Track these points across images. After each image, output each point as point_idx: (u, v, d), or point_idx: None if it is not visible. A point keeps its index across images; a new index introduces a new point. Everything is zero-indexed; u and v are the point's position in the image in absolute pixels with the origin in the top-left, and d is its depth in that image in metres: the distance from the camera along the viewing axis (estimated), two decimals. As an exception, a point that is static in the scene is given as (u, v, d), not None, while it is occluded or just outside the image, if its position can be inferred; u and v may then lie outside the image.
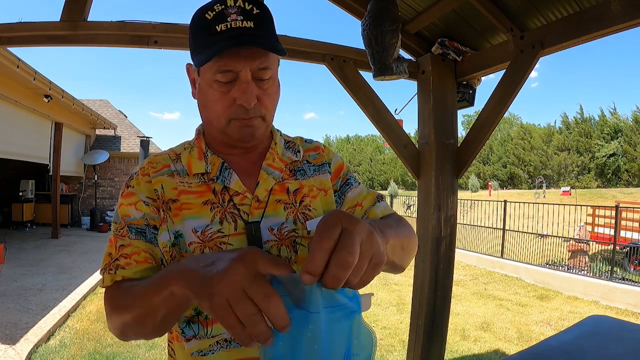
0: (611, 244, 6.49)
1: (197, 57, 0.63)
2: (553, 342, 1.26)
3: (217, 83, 0.63)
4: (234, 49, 0.59)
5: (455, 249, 2.22)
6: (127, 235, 0.67)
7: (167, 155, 0.74)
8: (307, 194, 0.72)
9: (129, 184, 0.71)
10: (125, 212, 0.68)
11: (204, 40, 0.61)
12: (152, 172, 0.71)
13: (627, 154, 29.23)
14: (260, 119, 0.66)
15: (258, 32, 0.60)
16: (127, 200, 0.69)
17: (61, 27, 1.79)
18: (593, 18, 1.54)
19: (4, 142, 6.38)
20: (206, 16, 0.60)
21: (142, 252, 0.66)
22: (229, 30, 0.59)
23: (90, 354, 3.29)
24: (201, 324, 0.65)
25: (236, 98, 0.63)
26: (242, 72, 0.61)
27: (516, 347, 3.86)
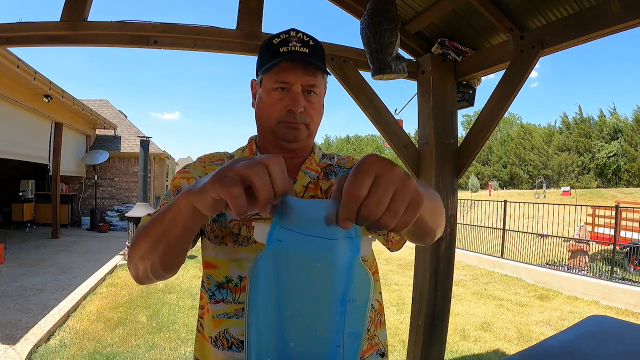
0: (611, 244, 6.49)
1: (262, 70, 0.79)
2: (553, 342, 1.26)
3: (275, 91, 0.78)
4: (290, 66, 0.77)
5: (455, 249, 2.22)
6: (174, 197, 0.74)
7: (222, 154, 0.88)
8: None
9: (186, 167, 0.84)
10: (177, 184, 0.79)
11: (270, 57, 0.78)
12: (208, 162, 0.84)
13: (627, 154, 29.23)
14: (304, 125, 0.80)
15: (311, 57, 0.78)
16: (181, 175, 0.81)
17: (61, 27, 1.79)
18: (593, 18, 1.54)
19: (4, 142, 6.38)
20: (273, 41, 0.79)
21: None
22: (289, 52, 0.76)
23: (90, 354, 3.29)
24: (230, 290, 0.74)
25: (287, 104, 0.78)
26: (295, 85, 0.77)
27: (516, 347, 3.86)
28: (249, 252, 0.75)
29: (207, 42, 1.95)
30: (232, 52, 2.00)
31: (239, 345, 0.72)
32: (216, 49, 1.98)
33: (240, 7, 1.97)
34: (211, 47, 1.97)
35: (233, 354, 0.72)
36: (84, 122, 9.95)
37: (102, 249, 7.64)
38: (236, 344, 0.72)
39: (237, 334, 0.72)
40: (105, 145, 11.10)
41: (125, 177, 11.19)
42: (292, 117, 0.78)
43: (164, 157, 12.13)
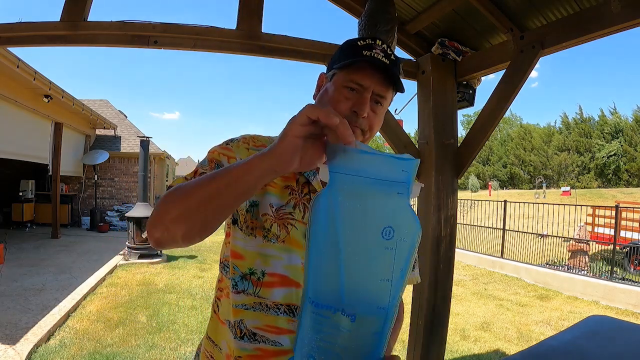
0: (611, 244, 6.49)
1: (339, 64, 0.78)
2: (553, 342, 1.26)
3: (346, 89, 0.77)
4: (370, 69, 0.76)
5: (455, 249, 2.22)
6: (210, 171, 0.72)
7: (267, 139, 0.85)
8: None
9: (229, 142, 0.81)
10: (217, 158, 0.77)
11: (352, 54, 0.77)
12: (252, 145, 0.81)
13: (627, 154, 29.23)
14: (360, 131, 0.78)
15: (388, 66, 0.77)
16: (223, 151, 0.78)
17: (61, 27, 1.79)
18: (593, 18, 1.54)
19: (4, 142, 6.38)
20: (358, 43, 0.78)
21: None
22: (372, 58, 0.76)
23: (90, 354, 3.29)
24: (252, 282, 0.75)
25: (354, 105, 0.76)
26: (367, 90, 0.76)
27: (516, 347, 3.86)
28: (277, 250, 0.76)
29: (207, 42, 1.95)
30: (232, 52, 2.00)
31: (251, 336, 0.74)
32: (216, 49, 1.98)
33: (240, 7, 1.97)
34: (211, 47, 1.97)
35: (244, 344, 0.74)
36: (84, 122, 9.95)
37: (102, 249, 7.64)
38: (248, 335, 0.74)
39: (251, 326, 0.74)
40: (105, 145, 11.09)
41: (125, 177, 11.19)
42: (354, 118, 0.76)
43: (164, 157, 12.13)
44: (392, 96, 0.83)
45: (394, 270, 0.48)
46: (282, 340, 0.74)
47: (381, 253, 0.48)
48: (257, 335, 0.74)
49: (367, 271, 0.49)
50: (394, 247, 0.48)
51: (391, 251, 0.48)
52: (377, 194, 0.48)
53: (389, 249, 0.48)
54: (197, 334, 3.83)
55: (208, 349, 0.83)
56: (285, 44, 2.02)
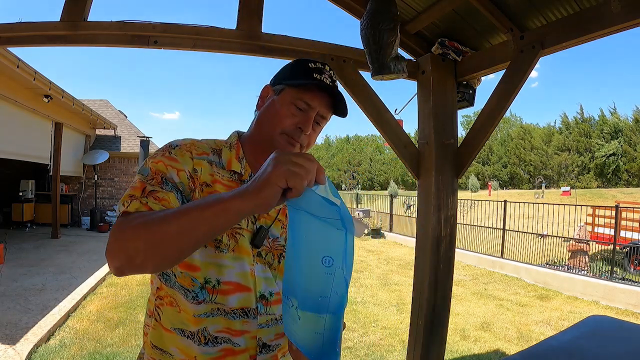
0: (611, 244, 6.49)
1: (290, 82, 0.84)
2: (553, 342, 1.26)
3: (294, 107, 0.83)
4: (319, 92, 0.83)
5: (455, 249, 2.21)
6: (159, 185, 0.72)
7: (207, 145, 0.86)
8: None
9: (169, 150, 0.80)
10: (163, 170, 0.75)
11: (304, 75, 0.83)
12: (195, 154, 0.82)
13: (627, 154, 29.22)
14: (299, 145, 0.85)
15: (337, 94, 0.85)
16: (169, 162, 0.77)
17: (61, 27, 1.79)
18: (593, 18, 1.54)
19: (4, 142, 6.38)
20: (310, 65, 0.84)
21: (171, 203, 0.71)
22: (322, 82, 0.82)
23: (90, 354, 3.29)
24: (208, 291, 0.78)
25: (299, 122, 0.82)
26: (313, 110, 0.83)
27: (516, 347, 3.86)
28: (229, 260, 0.79)
29: (207, 42, 1.95)
30: (232, 52, 2.00)
31: (214, 341, 0.78)
32: (216, 49, 1.98)
33: (240, 7, 1.97)
34: (211, 47, 1.97)
35: (208, 349, 0.78)
36: (84, 122, 9.95)
37: (102, 249, 7.63)
38: (212, 340, 0.78)
39: (213, 331, 0.78)
40: (105, 145, 11.09)
41: (125, 177, 11.19)
42: (297, 134, 0.83)
43: (164, 157, 12.11)
44: (329, 118, 0.90)
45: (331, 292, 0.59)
46: (239, 341, 0.79)
47: (322, 277, 0.58)
48: (218, 338, 0.78)
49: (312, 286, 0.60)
50: (332, 273, 0.58)
51: (330, 276, 0.58)
52: (319, 228, 0.58)
53: (328, 274, 0.58)
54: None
55: (155, 357, 0.81)
56: (285, 44, 2.02)
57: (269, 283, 0.84)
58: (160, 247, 0.61)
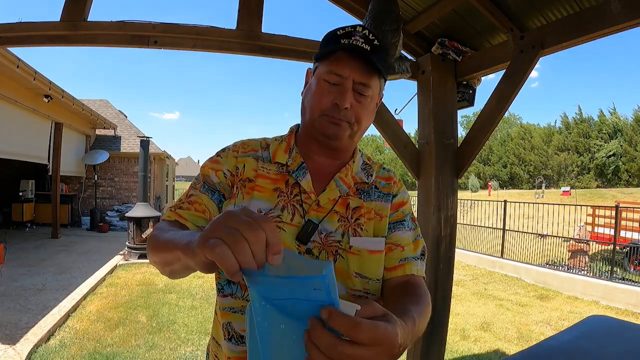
0: (611, 244, 6.49)
1: (317, 56, 0.78)
2: (553, 342, 1.26)
3: (325, 82, 0.75)
4: (346, 57, 0.73)
5: (455, 249, 2.21)
6: (199, 189, 0.79)
7: (258, 142, 0.85)
8: (363, 214, 0.79)
9: (219, 153, 0.84)
10: (206, 173, 0.81)
11: (329, 45, 0.76)
12: (242, 152, 0.83)
13: (627, 154, 29.22)
14: (347, 123, 0.76)
15: (371, 54, 0.73)
16: (212, 165, 0.82)
17: (61, 27, 1.79)
18: (593, 18, 1.54)
19: (4, 142, 6.38)
20: (337, 32, 0.76)
21: (202, 204, 0.76)
22: (349, 45, 0.73)
23: (90, 354, 3.29)
24: (240, 286, 0.75)
25: (335, 97, 0.74)
26: (347, 79, 0.74)
27: (516, 347, 3.86)
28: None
29: (207, 42, 1.95)
30: (232, 52, 2.00)
31: (239, 339, 0.74)
32: (216, 49, 1.98)
33: (240, 7, 1.97)
34: (211, 47, 1.97)
35: (232, 346, 0.74)
36: (84, 122, 9.94)
37: (102, 249, 7.64)
38: (236, 337, 0.74)
39: (238, 329, 0.74)
40: (105, 145, 11.09)
41: (125, 177, 11.19)
42: (336, 111, 0.75)
43: (164, 157, 12.13)
44: (379, 84, 0.79)
45: None
46: None
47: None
48: (244, 337, 0.73)
49: None
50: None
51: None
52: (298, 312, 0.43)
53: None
54: (197, 334, 3.83)
55: (213, 349, 0.83)
56: (285, 44, 2.02)
57: None
58: (161, 266, 0.66)
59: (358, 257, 0.76)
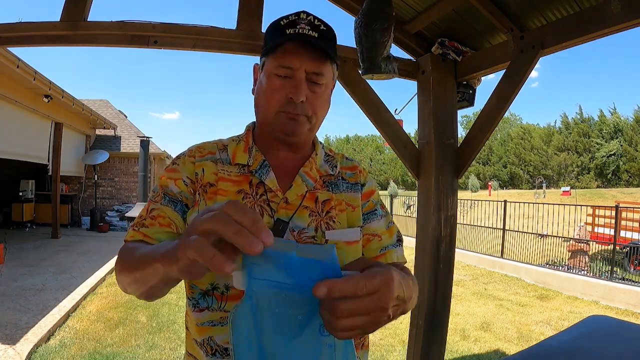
0: (611, 244, 6.49)
1: (264, 51, 0.74)
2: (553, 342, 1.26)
3: (276, 77, 0.72)
4: (295, 48, 0.70)
5: (455, 249, 2.21)
6: (160, 201, 0.74)
7: (215, 144, 0.82)
8: (334, 207, 0.78)
9: (175, 161, 0.80)
10: (164, 183, 0.76)
11: (274, 38, 0.72)
12: (198, 156, 0.78)
13: (627, 154, 29.22)
14: (305, 117, 0.74)
15: (320, 41, 0.70)
16: (170, 175, 0.77)
17: (61, 27, 1.79)
18: (593, 18, 1.54)
19: (4, 142, 6.38)
20: (281, 22, 0.72)
21: (167, 218, 0.72)
22: (296, 34, 0.69)
23: (90, 354, 3.29)
24: (216, 298, 0.71)
25: (288, 92, 0.71)
26: (298, 71, 0.71)
27: (516, 347, 3.86)
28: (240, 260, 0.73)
29: (207, 42, 1.95)
30: (232, 52, 2.00)
31: (223, 352, 0.70)
32: (216, 49, 1.98)
33: (240, 7, 1.97)
34: (211, 47, 1.97)
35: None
36: (84, 122, 9.95)
37: (102, 249, 7.64)
38: (220, 351, 0.70)
39: (221, 342, 0.70)
40: (105, 145, 11.09)
41: (125, 177, 11.19)
42: (292, 106, 0.72)
43: (164, 157, 12.13)
44: (332, 71, 0.75)
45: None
46: None
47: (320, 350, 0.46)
48: (228, 349, 0.70)
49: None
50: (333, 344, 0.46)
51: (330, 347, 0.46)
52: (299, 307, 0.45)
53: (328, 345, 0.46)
54: (197, 334, 3.83)
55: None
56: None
57: None
58: (136, 287, 0.62)
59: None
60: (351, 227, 0.78)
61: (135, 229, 0.72)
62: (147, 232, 0.71)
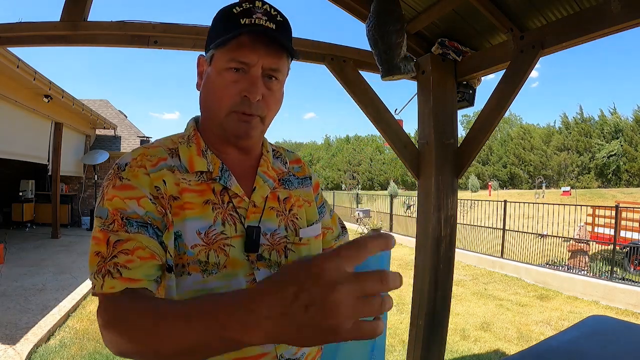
0: (611, 244, 6.49)
1: (214, 43, 0.65)
2: (553, 342, 1.26)
3: (229, 71, 0.65)
4: (252, 42, 0.63)
5: (455, 249, 2.21)
6: (122, 229, 0.59)
7: (162, 149, 0.70)
8: (294, 204, 0.78)
9: (120, 175, 0.64)
10: (120, 206, 0.61)
11: (226, 28, 0.63)
12: (150, 166, 0.66)
13: (627, 154, 29.23)
14: (259, 118, 0.68)
15: (278, 34, 0.65)
16: (125, 194, 0.62)
17: (61, 27, 1.79)
18: (593, 18, 1.54)
19: (4, 142, 6.38)
20: (233, 10, 0.64)
21: (146, 248, 0.59)
22: (253, 25, 0.63)
23: (90, 354, 3.29)
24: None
25: (243, 89, 0.64)
26: (255, 67, 0.64)
27: (516, 347, 3.86)
28: (219, 280, 0.64)
29: (207, 42, 1.95)
30: (232, 52, 2.00)
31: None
32: (216, 49, 1.98)
33: (240, 7, 1.97)
34: (211, 47, 1.96)
35: None
36: (84, 122, 9.94)
37: (102, 249, 7.63)
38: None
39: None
40: (105, 145, 11.09)
41: (125, 177, 11.18)
42: (247, 106, 0.65)
43: (164, 157, 12.13)
44: (287, 64, 0.69)
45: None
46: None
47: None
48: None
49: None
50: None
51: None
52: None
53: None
54: (197, 334, 3.83)
55: None
56: (285, 44, 2.02)
57: None
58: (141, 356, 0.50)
59: (307, 247, 0.76)
60: (309, 222, 0.79)
61: (111, 277, 0.56)
62: (132, 275, 0.57)
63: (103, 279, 0.57)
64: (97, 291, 0.57)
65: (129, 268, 0.57)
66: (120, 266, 0.57)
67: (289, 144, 62.92)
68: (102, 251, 0.59)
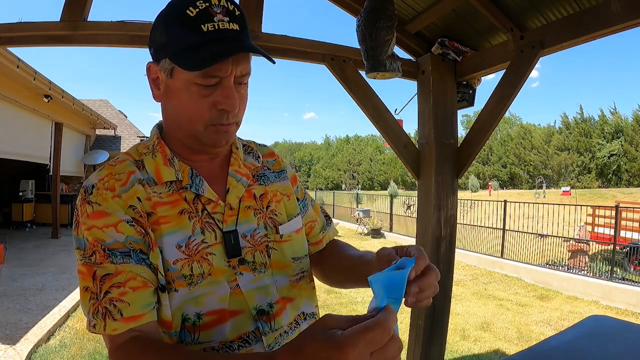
0: (611, 244, 6.49)
1: (174, 49, 0.58)
2: (553, 342, 1.26)
3: (198, 86, 0.59)
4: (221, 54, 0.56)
5: (455, 249, 2.21)
6: (105, 262, 0.58)
7: (128, 163, 0.66)
8: (271, 199, 0.76)
9: (89, 199, 0.60)
10: (99, 237, 0.58)
11: (188, 39, 0.57)
12: (119, 186, 0.62)
13: (628, 154, 29.23)
14: (235, 125, 0.66)
15: (244, 36, 0.60)
16: (102, 222, 0.59)
17: (61, 27, 1.79)
18: (593, 18, 1.54)
19: (4, 142, 6.38)
20: (188, 12, 0.56)
21: (137, 277, 0.58)
22: (218, 32, 0.56)
23: (90, 354, 3.29)
24: (188, 330, 0.62)
25: (218, 103, 0.61)
26: (227, 78, 0.60)
27: (516, 347, 3.86)
28: (205, 287, 0.63)
29: (207, 42, 1.94)
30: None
31: None
32: (216, 49, 1.97)
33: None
34: (211, 47, 1.96)
35: None
36: (84, 122, 9.95)
37: (102, 249, 7.64)
38: None
39: None
40: (105, 145, 11.09)
41: (126, 177, 11.18)
42: (223, 118, 0.62)
43: (164, 157, 12.15)
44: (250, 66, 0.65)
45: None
46: None
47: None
48: None
49: None
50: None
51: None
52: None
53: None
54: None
55: None
56: (285, 44, 2.02)
57: (264, 292, 0.68)
58: None
59: (290, 243, 0.75)
60: (290, 216, 0.77)
61: (112, 318, 0.56)
62: (133, 313, 0.56)
63: (104, 320, 0.56)
64: (99, 332, 0.56)
65: (126, 302, 0.56)
66: (116, 301, 0.56)
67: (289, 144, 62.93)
68: (90, 286, 0.58)
